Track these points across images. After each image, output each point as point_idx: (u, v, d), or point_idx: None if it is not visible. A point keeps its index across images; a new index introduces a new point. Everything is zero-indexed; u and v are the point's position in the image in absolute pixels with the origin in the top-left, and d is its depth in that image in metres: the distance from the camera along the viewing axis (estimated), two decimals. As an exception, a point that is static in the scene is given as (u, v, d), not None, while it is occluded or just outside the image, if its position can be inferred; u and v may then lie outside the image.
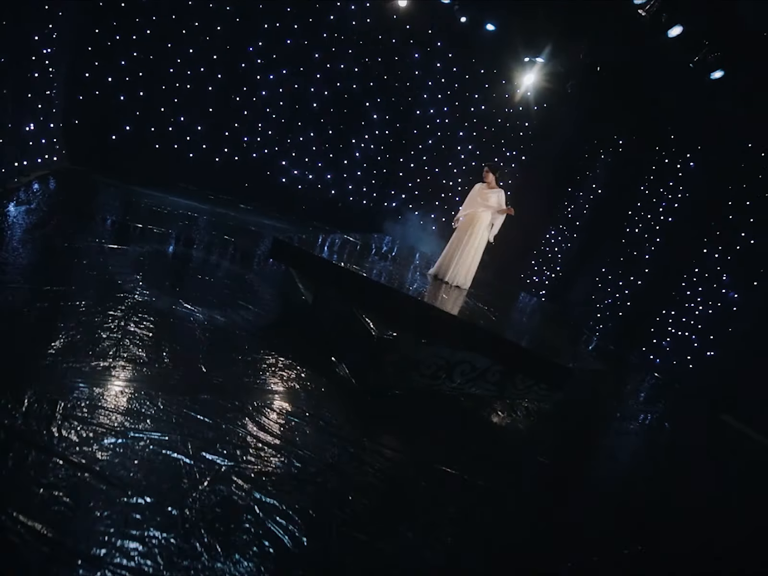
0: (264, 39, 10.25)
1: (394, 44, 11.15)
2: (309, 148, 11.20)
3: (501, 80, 12.05)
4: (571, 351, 5.84)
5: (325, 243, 6.56)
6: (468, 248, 6.67)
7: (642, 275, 10.48)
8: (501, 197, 6.85)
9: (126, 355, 3.77)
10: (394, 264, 6.74)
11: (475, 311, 5.72)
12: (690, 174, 10.38)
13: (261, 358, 4.53)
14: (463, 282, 6.72)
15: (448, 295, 5.93)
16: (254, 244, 8.14)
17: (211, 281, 5.86)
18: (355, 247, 6.99)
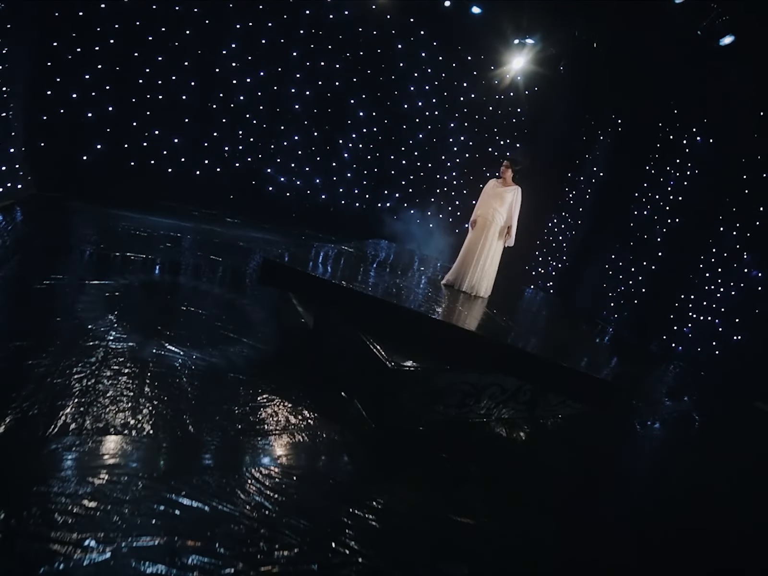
0: (237, 40, 9.47)
1: (375, 36, 10.41)
2: (294, 153, 10.45)
3: (489, 66, 11.32)
4: (606, 360, 5.16)
5: (319, 256, 5.83)
6: (484, 254, 5.97)
7: (655, 259, 9.83)
8: (517, 197, 6.14)
9: (94, 427, 3.06)
10: (397, 274, 6.03)
11: (499, 325, 5.03)
12: (698, 149, 9.71)
13: (259, 405, 3.83)
14: (484, 292, 6.03)
15: (465, 307, 5.24)
16: (244, 262, 7.40)
17: (198, 313, 5.13)
18: (353, 258, 6.27)
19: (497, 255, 6.12)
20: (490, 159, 11.91)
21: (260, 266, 4.81)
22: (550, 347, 4.96)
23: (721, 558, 3.80)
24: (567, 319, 7.55)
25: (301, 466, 3.30)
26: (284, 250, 6.97)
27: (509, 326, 5.12)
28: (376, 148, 11.13)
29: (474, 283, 5.93)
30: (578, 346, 5.55)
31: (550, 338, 5.29)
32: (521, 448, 4.49)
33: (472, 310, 5.21)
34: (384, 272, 5.98)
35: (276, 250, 8.19)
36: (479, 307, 5.49)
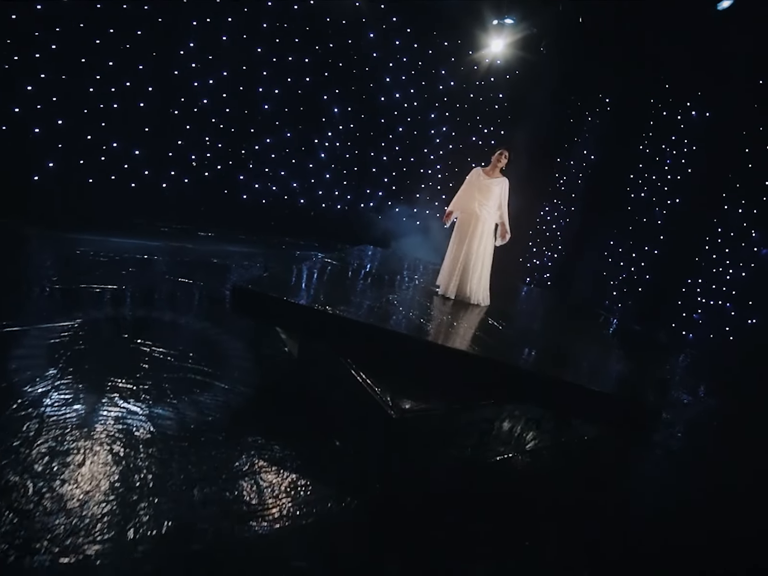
0: (195, 39, 8.59)
1: (344, 26, 9.58)
2: (267, 157, 9.62)
3: (468, 51, 10.56)
4: (631, 369, 4.47)
5: (298, 274, 5.04)
6: (474, 255, 5.26)
7: (657, 243, 9.20)
8: (505, 190, 5.44)
9: (10, 543, 2.28)
10: (386, 287, 5.28)
11: (509, 341, 4.32)
12: (694, 124, 9.08)
13: (236, 473, 3.07)
14: (480, 298, 5.32)
15: (465, 322, 4.52)
16: (218, 282, 6.58)
17: (163, 353, 4.34)
18: (337, 272, 5.52)
19: (488, 255, 5.41)
20: (474, 148, 11.19)
21: (231, 295, 4.04)
22: (571, 365, 4.25)
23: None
24: (575, 319, 6.86)
25: (289, 557, 2.56)
26: (260, 268, 6.19)
27: (519, 341, 4.41)
28: (354, 145, 10.33)
29: (467, 290, 5.22)
30: (598, 357, 4.85)
31: (567, 352, 4.58)
32: (552, 494, 3.76)
33: (472, 324, 4.50)
34: (372, 286, 5.24)
35: (252, 267, 7.39)
36: (480, 319, 4.78)
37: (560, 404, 3.59)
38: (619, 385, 3.96)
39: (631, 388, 3.99)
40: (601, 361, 4.67)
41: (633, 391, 3.91)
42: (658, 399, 4.00)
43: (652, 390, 4.36)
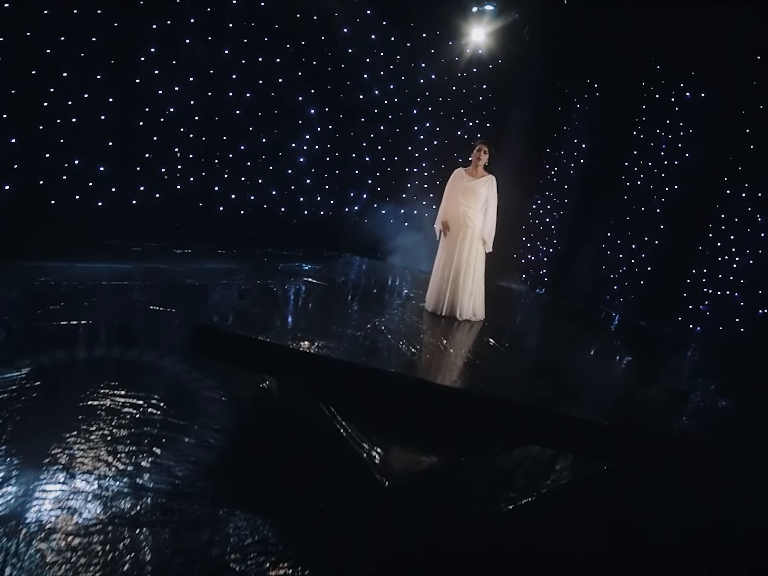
0: (156, 43, 7.93)
1: (316, 22, 8.95)
2: (242, 165, 9.00)
3: (447, 42, 9.97)
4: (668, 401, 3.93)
5: (276, 300, 4.46)
6: (464, 266, 4.73)
7: (657, 233, 8.68)
8: (492, 190, 4.90)
9: None
10: (373, 308, 4.71)
11: (519, 370, 3.76)
12: (689, 106, 8.54)
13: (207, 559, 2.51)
14: (472, 313, 4.78)
15: (461, 346, 3.98)
16: (192, 307, 5.98)
17: (122, 404, 3.75)
18: (317, 294, 4.94)
19: (480, 264, 4.87)
20: (460, 143, 10.60)
21: (191, 333, 3.46)
22: (584, 393, 3.67)
23: None
24: (578, 323, 6.33)
25: None
26: (235, 289, 5.60)
27: (525, 367, 3.87)
28: (334, 147, 9.73)
29: (459, 306, 4.68)
30: (611, 376, 4.31)
31: (577, 375, 4.00)
32: (575, 546, 3.21)
33: (471, 350, 3.96)
34: (356, 309, 4.68)
35: (230, 286, 6.78)
36: (478, 340, 4.23)
37: (577, 446, 3.06)
38: (642, 416, 3.42)
39: (658, 418, 3.45)
40: (615, 381, 4.12)
41: (660, 422, 3.37)
42: (689, 432, 3.39)
43: (680, 417, 3.79)
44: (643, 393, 3.89)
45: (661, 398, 3.90)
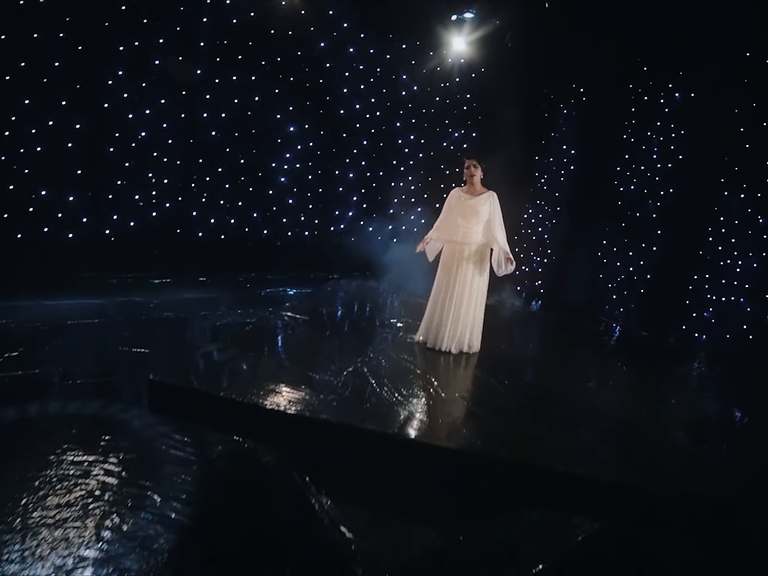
0: (124, 66, 7.52)
1: (291, 37, 8.59)
2: (221, 188, 8.57)
3: (428, 52, 9.65)
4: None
5: (247, 345, 3.97)
6: (462, 294, 4.32)
7: (654, 238, 8.30)
8: (495, 207, 4.50)
9: None
10: (358, 344, 4.25)
11: (521, 417, 3.29)
12: (678, 107, 8.21)
13: None
14: (468, 345, 4.35)
15: (461, 388, 3.50)
16: (167, 346, 5.48)
17: (71, 474, 3.26)
18: (297, 329, 4.48)
19: (481, 293, 4.45)
20: (446, 154, 10.28)
21: (149, 390, 2.99)
22: (601, 441, 3.19)
23: None
24: (579, 345, 5.87)
25: None
26: (213, 323, 5.14)
27: (528, 411, 3.40)
28: (316, 165, 9.32)
29: (454, 338, 4.26)
30: (623, 413, 3.83)
31: (586, 415, 3.53)
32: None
33: (468, 393, 3.50)
34: (338, 347, 4.22)
35: (210, 316, 6.31)
36: (475, 379, 3.77)
37: (590, 509, 2.60)
38: (666, 469, 2.96)
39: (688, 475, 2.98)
40: (635, 423, 3.62)
41: (689, 478, 2.91)
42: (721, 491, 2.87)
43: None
44: (673, 438, 3.41)
45: (693, 443, 3.42)
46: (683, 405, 4.37)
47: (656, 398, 4.31)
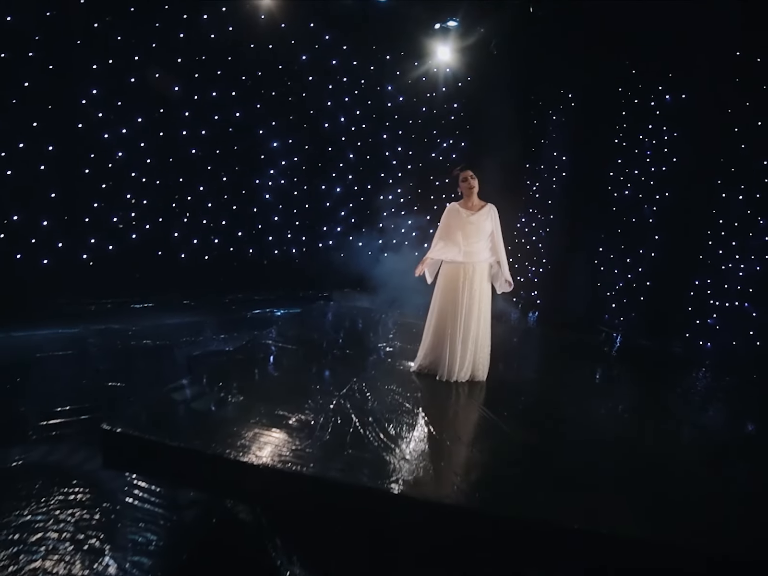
0: (99, 84, 7.22)
1: (272, 51, 8.34)
2: (203, 207, 8.24)
3: (413, 62, 9.42)
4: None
5: (219, 382, 3.56)
6: (471, 320, 3.96)
7: (652, 244, 8.01)
8: (495, 221, 4.18)
9: None
10: (343, 376, 3.87)
11: (522, 463, 2.90)
12: (670, 109, 7.98)
13: None
14: (472, 374, 4.00)
15: (457, 425, 3.13)
16: (141, 378, 5.09)
17: (24, 535, 2.86)
18: (277, 363, 4.10)
19: (486, 315, 4.09)
20: (435, 165, 10.02)
21: (102, 441, 2.61)
22: (618, 486, 2.79)
23: None
24: (583, 366, 5.50)
25: None
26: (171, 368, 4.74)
27: (531, 450, 3.01)
28: (301, 180, 9.02)
29: (458, 367, 3.91)
30: (636, 445, 3.43)
31: (595, 453, 3.15)
32: None
33: (463, 430, 3.11)
34: (321, 379, 3.84)
35: (191, 343, 5.94)
36: (471, 412, 3.40)
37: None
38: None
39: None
40: (645, 454, 3.25)
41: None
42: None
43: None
44: (697, 473, 3.03)
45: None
46: (697, 426, 4.01)
47: (670, 422, 3.93)
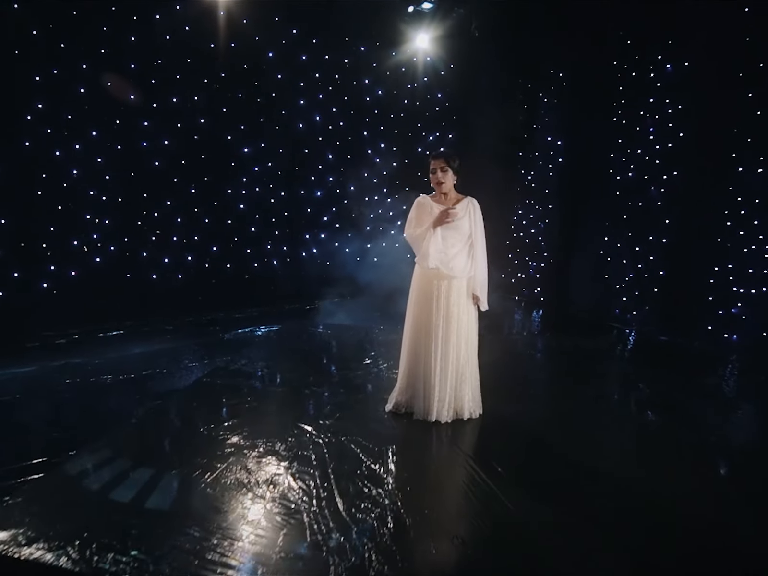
0: (43, 98, 6.51)
1: (235, 49, 7.62)
2: (172, 222, 7.53)
3: (390, 53, 8.68)
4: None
5: (139, 440, 2.80)
6: (449, 341, 3.21)
7: (663, 229, 7.20)
8: (475, 217, 3.43)
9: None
10: (298, 421, 3.11)
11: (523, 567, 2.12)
12: (671, 79, 7.16)
13: None
14: (470, 411, 3.24)
15: (431, 487, 2.37)
16: (87, 426, 4.34)
17: None
18: (228, 406, 3.36)
19: (471, 338, 3.32)
20: (421, 161, 9.22)
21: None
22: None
23: None
24: (602, 399, 4.70)
25: None
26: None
27: (534, 536, 2.23)
28: (278, 186, 8.30)
29: (450, 403, 3.14)
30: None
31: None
32: None
33: (444, 503, 2.36)
34: (269, 429, 3.09)
35: (151, 379, 5.20)
36: (457, 472, 2.63)
37: None
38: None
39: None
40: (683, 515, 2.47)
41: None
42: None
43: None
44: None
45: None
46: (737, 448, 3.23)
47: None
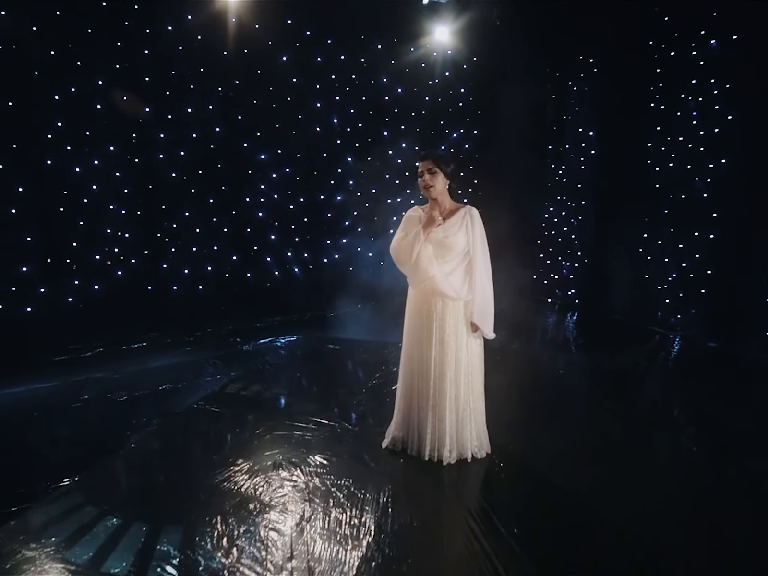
0: (63, 116, 6.54)
1: (247, 55, 7.45)
2: (191, 233, 7.45)
3: (408, 49, 8.30)
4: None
5: (118, 476, 2.60)
6: (445, 369, 2.85)
7: (709, 224, 6.48)
8: (473, 231, 3.04)
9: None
10: (287, 463, 2.82)
11: None
12: (716, 56, 6.42)
13: None
14: (464, 453, 2.87)
15: (421, 554, 2.03)
16: (93, 455, 4.24)
17: None
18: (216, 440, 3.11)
19: (474, 369, 2.93)
20: (446, 159, 8.82)
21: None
22: None
23: None
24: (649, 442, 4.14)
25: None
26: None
27: None
28: (296, 192, 8.10)
29: (447, 446, 2.77)
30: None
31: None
32: None
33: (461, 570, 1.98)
34: (252, 469, 2.81)
35: (165, 395, 5.09)
36: (474, 536, 2.24)
37: None
38: None
39: None
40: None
41: None
42: None
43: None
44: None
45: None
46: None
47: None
